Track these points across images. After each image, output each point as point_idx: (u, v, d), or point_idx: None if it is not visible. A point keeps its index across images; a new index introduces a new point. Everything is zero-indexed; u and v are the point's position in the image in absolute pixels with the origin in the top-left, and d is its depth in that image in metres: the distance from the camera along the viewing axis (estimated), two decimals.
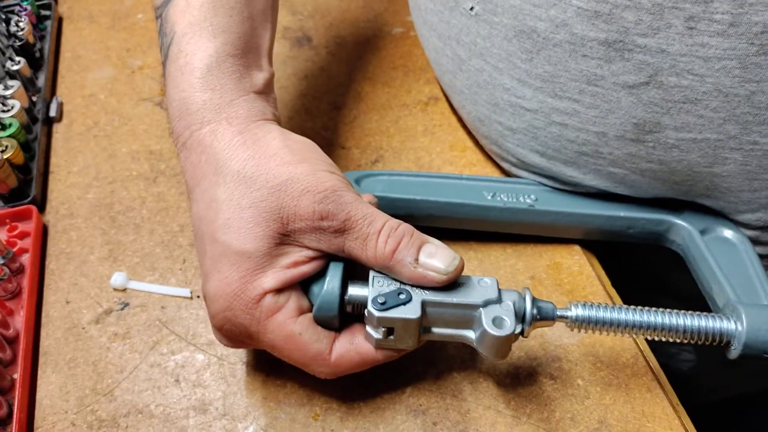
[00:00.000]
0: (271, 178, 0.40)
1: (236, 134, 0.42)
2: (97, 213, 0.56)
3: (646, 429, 0.43)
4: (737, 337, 0.40)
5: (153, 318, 0.49)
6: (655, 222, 0.51)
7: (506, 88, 0.51)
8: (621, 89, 0.45)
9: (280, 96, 0.63)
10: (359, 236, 0.40)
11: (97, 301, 0.50)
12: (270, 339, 0.40)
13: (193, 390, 0.45)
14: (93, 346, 0.47)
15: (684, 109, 0.44)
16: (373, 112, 0.63)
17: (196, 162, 0.42)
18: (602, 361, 0.47)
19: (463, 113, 0.58)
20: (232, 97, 0.43)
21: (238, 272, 0.39)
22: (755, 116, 0.43)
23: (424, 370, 0.46)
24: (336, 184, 0.40)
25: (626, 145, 0.47)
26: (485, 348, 0.40)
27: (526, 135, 0.52)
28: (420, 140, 0.61)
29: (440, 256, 0.40)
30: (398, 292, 0.40)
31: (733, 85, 0.42)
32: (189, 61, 0.44)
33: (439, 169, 0.59)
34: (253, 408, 0.44)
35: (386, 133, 0.61)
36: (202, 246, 0.41)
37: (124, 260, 0.52)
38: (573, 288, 0.51)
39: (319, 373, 0.41)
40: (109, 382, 0.45)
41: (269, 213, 0.39)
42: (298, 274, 0.40)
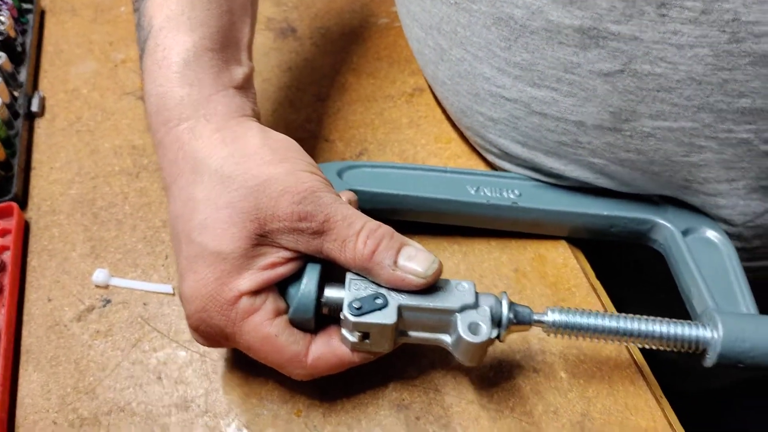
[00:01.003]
0: (249, 177, 0.39)
1: (214, 132, 0.41)
2: (79, 209, 0.55)
3: (629, 421, 0.43)
4: (713, 346, 0.40)
5: (135, 315, 0.49)
6: (638, 221, 0.51)
7: (486, 77, 0.50)
8: (597, 77, 0.45)
9: (263, 88, 0.63)
10: (338, 238, 0.39)
11: (79, 298, 0.50)
12: (246, 340, 0.40)
13: (175, 387, 0.45)
14: (75, 343, 0.47)
15: (658, 97, 0.44)
16: (357, 104, 0.63)
17: (173, 159, 0.41)
18: (585, 354, 0.47)
19: (446, 104, 0.58)
20: (211, 93, 0.43)
21: (213, 273, 0.38)
22: (728, 104, 0.43)
23: (406, 365, 0.45)
24: (315, 184, 0.40)
25: (604, 134, 0.47)
26: (460, 353, 0.40)
27: (507, 125, 0.51)
28: (405, 132, 0.61)
29: (419, 260, 0.39)
30: (375, 296, 0.39)
31: (706, 73, 0.42)
32: (166, 56, 0.43)
33: (424, 161, 0.58)
34: (235, 405, 0.44)
35: (371, 125, 0.61)
36: (178, 245, 0.40)
37: (106, 257, 0.52)
38: (557, 281, 0.51)
39: (296, 374, 0.41)
40: (91, 380, 0.45)
41: (246, 213, 0.39)
42: (274, 276, 0.40)
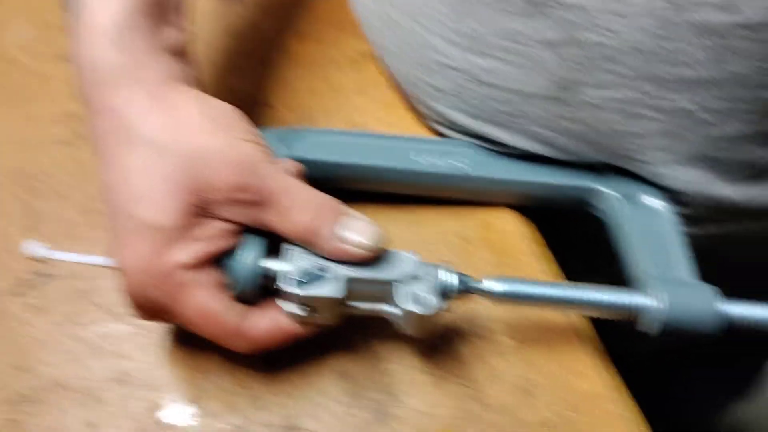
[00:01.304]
0: (186, 147, 0.38)
1: (149, 99, 0.40)
2: (14, 180, 0.53)
3: (573, 385, 0.44)
4: (653, 314, 0.40)
5: (74, 289, 0.47)
6: (582, 189, 0.51)
7: (436, 48, 0.49)
8: (542, 47, 0.44)
9: (207, 54, 0.61)
10: (279, 209, 0.39)
11: (15, 272, 0.48)
12: (186, 315, 0.39)
13: (114, 361, 0.44)
14: (11, 319, 0.46)
15: (603, 67, 0.44)
16: (303, 70, 0.61)
17: (106, 128, 0.40)
18: (529, 319, 0.47)
19: (393, 73, 0.57)
20: (144, 58, 0.41)
21: (149, 246, 0.37)
22: (671, 74, 0.43)
23: (351, 334, 0.45)
24: (256, 155, 0.39)
25: (549, 105, 0.47)
26: (407, 324, 0.40)
27: (455, 96, 0.51)
28: (352, 99, 0.59)
29: (362, 231, 0.39)
30: (319, 268, 0.39)
31: (649, 43, 0.42)
32: (95, 18, 0.41)
33: (372, 129, 0.57)
34: (177, 378, 0.43)
35: (317, 91, 0.60)
36: (112, 216, 0.39)
37: (43, 229, 0.50)
38: (502, 247, 0.50)
39: (239, 348, 0.41)
40: (29, 356, 0.44)
41: (183, 184, 0.38)
42: (214, 249, 0.39)
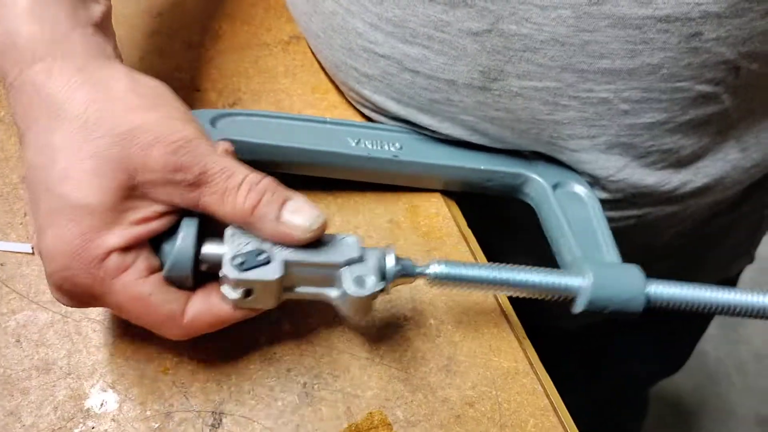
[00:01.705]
0: (116, 124, 0.37)
1: (75, 73, 0.38)
2: None
3: (493, 363, 0.46)
4: (582, 294, 0.42)
5: None
6: (512, 175, 0.52)
7: (359, 32, 0.50)
8: (466, 36, 0.45)
9: (131, 35, 0.60)
10: (216, 191, 0.37)
11: None
12: (116, 300, 0.38)
13: (35, 350, 0.43)
14: None
15: (524, 57, 0.45)
16: (230, 52, 0.61)
17: (27, 104, 0.38)
18: (454, 300, 0.48)
19: (321, 58, 0.57)
20: (67, 30, 0.39)
21: (78, 228, 0.36)
22: (590, 65, 0.45)
23: (279, 317, 0.45)
24: (191, 133, 0.38)
25: (475, 93, 0.48)
26: (346, 308, 0.40)
27: (381, 81, 0.51)
28: (281, 82, 0.59)
29: (304, 214, 0.38)
30: (257, 252, 0.38)
31: (568, 35, 0.43)
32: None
33: (300, 112, 0.57)
34: (99, 365, 0.43)
35: (245, 74, 0.59)
36: (35, 197, 0.38)
37: None
38: (429, 230, 0.52)
39: (171, 334, 0.40)
40: None
41: (114, 163, 0.36)
42: (147, 231, 0.38)
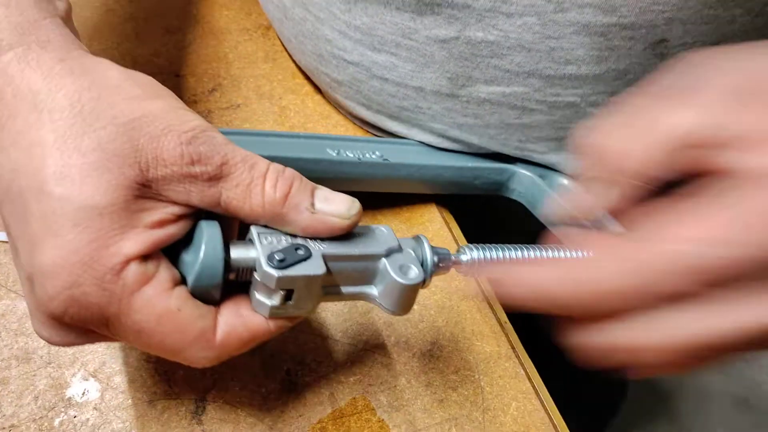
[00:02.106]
0: (118, 113, 0.31)
1: (57, 61, 0.32)
2: None
3: (475, 347, 0.46)
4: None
5: None
6: (498, 171, 0.52)
7: (328, 39, 0.50)
8: (433, 43, 0.46)
9: (107, 19, 0.59)
10: (240, 182, 0.33)
11: None
12: (136, 321, 0.31)
13: (15, 339, 0.43)
14: None
15: (491, 63, 0.45)
16: (210, 37, 0.60)
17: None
18: (437, 286, 0.48)
19: (295, 60, 0.57)
20: (36, 17, 0.34)
21: (86, 235, 0.30)
22: (556, 71, 0.45)
23: None
24: (203, 123, 0.33)
25: (443, 100, 0.48)
26: (391, 301, 0.36)
27: (351, 88, 0.52)
28: (261, 67, 0.59)
29: (338, 200, 0.34)
30: (295, 247, 0.33)
31: (534, 41, 0.44)
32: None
33: (281, 97, 0.57)
34: (80, 354, 0.42)
35: (224, 59, 0.59)
36: (20, 206, 0.31)
37: None
38: (411, 215, 0.52)
39: (200, 359, 0.33)
40: None
41: (122, 157, 0.30)
42: (165, 236, 0.32)
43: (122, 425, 0.40)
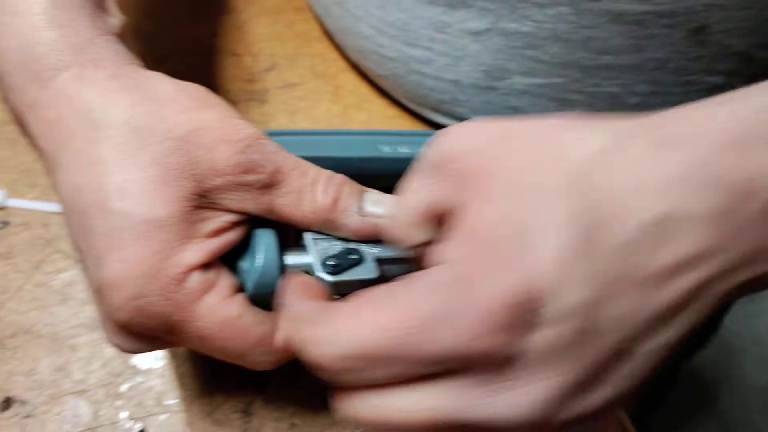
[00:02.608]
0: (173, 127, 0.32)
1: (110, 78, 0.33)
2: None
3: None
4: None
5: (36, 236, 0.47)
6: None
7: (366, 36, 0.50)
8: (467, 36, 0.45)
9: (168, 1, 0.60)
10: (292, 189, 0.33)
11: None
12: (199, 328, 0.32)
13: (82, 308, 0.44)
14: None
15: (527, 55, 0.45)
16: (265, 16, 0.61)
17: (55, 120, 0.33)
18: None
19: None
20: (91, 36, 0.34)
21: (149, 247, 0.31)
22: (593, 61, 0.44)
23: None
24: (256, 131, 0.33)
25: (480, 93, 0.48)
26: None
27: (393, 82, 0.52)
28: (315, 46, 0.59)
29: (387, 203, 0.35)
30: (347, 252, 0.34)
31: (569, 31, 0.43)
32: (22, 1, 0.34)
33: (335, 76, 0.58)
34: None
35: (280, 38, 0.59)
36: (86, 222, 0.32)
37: (1, 177, 0.50)
38: None
39: (260, 363, 0.34)
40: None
41: (179, 170, 0.31)
42: (223, 244, 0.33)
43: (187, 392, 0.41)
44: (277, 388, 0.41)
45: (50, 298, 0.44)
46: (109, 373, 0.42)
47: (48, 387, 0.41)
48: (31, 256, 0.46)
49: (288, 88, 0.56)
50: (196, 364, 0.42)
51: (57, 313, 0.44)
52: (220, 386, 0.41)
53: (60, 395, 0.40)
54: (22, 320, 0.43)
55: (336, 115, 0.55)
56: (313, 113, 0.55)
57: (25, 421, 0.39)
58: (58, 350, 0.42)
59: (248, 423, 0.40)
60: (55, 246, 0.46)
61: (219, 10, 0.61)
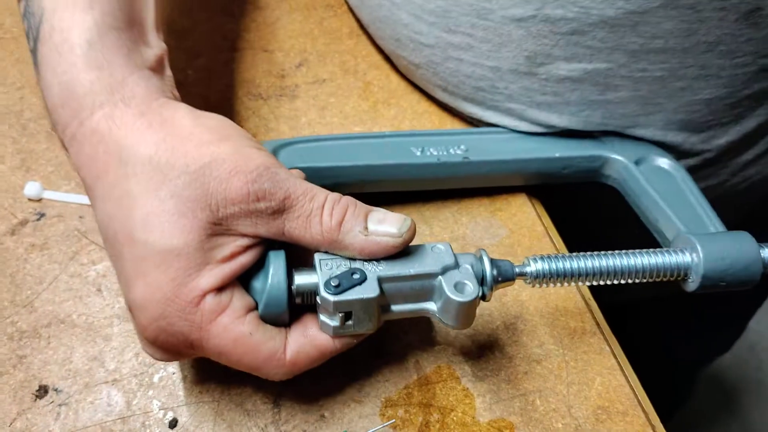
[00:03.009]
0: (191, 161, 0.35)
1: (138, 117, 0.36)
2: (6, 120, 0.53)
3: (559, 322, 0.46)
4: (695, 269, 0.40)
5: (71, 228, 0.48)
6: (590, 158, 0.50)
7: (404, 23, 0.50)
8: (510, 22, 0.45)
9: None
10: (301, 214, 0.36)
11: (11, 211, 0.48)
12: (215, 345, 0.36)
13: (116, 298, 0.45)
14: (9, 257, 0.46)
15: (572, 40, 0.45)
16: (296, 13, 0.61)
17: (92, 155, 0.36)
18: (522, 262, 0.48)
19: (378, 46, 0.58)
20: (124, 75, 0.38)
21: (168, 274, 0.34)
22: (641, 45, 0.44)
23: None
24: (267, 160, 0.36)
25: (520, 79, 0.48)
26: (450, 317, 0.38)
27: (428, 70, 0.52)
28: (345, 43, 0.60)
29: (390, 221, 0.37)
30: (351, 272, 0.37)
31: (618, 16, 0.43)
32: (66, 38, 0.38)
33: (365, 73, 0.58)
34: None
35: (310, 34, 0.60)
36: (117, 249, 0.36)
37: (37, 169, 0.50)
38: (514, 228, 0.51)
39: (274, 375, 0.38)
40: (29, 293, 0.45)
41: (195, 201, 0.35)
42: (237, 267, 0.36)
43: (218, 383, 0.42)
44: (307, 381, 0.42)
45: (85, 289, 0.45)
46: (141, 363, 0.42)
47: (82, 376, 0.41)
48: (66, 248, 0.47)
49: (318, 84, 0.57)
50: None
51: (91, 303, 0.44)
52: (251, 377, 0.42)
53: (94, 384, 0.41)
54: (57, 310, 0.44)
55: (365, 110, 0.56)
56: (342, 109, 0.55)
57: (59, 409, 0.40)
58: (93, 340, 0.43)
59: (278, 414, 0.41)
60: (90, 237, 0.47)
61: (251, 6, 0.61)
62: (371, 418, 0.41)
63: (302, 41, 0.59)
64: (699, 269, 0.40)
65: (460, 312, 0.37)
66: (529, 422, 0.41)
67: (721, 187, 0.55)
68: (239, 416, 0.41)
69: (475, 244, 0.49)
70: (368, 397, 0.42)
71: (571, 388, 0.43)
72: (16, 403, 0.40)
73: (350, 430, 0.40)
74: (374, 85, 0.57)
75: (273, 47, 0.58)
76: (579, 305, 0.47)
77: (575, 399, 0.42)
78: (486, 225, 0.51)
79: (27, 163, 0.51)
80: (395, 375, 0.43)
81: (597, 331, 0.46)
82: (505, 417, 0.41)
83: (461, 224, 0.51)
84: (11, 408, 0.40)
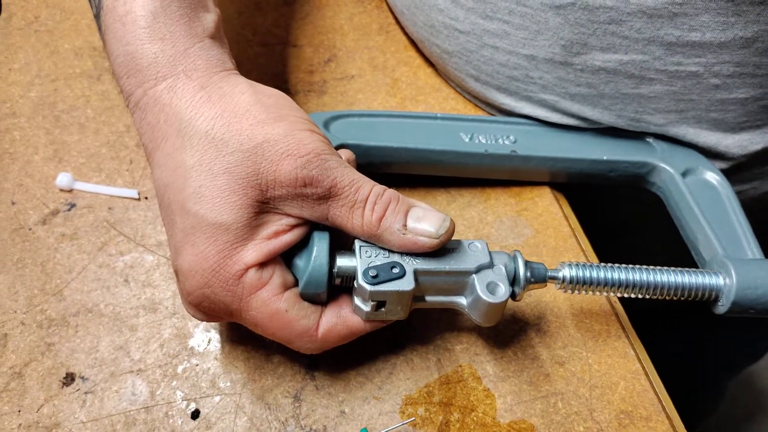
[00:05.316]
0: (245, 139, 0.36)
1: (198, 89, 0.38)
2: (40, 112, 0.54)
3: (584, 324, 0.45)
4: (726, 294, 0.40)
5: (101, 219, 0.48)
6: (638, 164, 0.50)
7: (440, 9, 0.50)
8: (548, 10, 0.45)
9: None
10: (345, 204, 0.37)
11: (43, 201, 0.49)
12: (253, 316, 0.38)
13: (142, 290, 0.45)
14: (40, 246, 0.47)
15: (609, 30, 0.44)
16: (326, 9, 0.61)
17: (154, 123, 0.38)
18: (546, 263, 0.48)
19: (408, 33, 0.57)
20: (187, 46, 0.39)
21: (215, 246, 0.36)
22: (678, 38, 0.44)
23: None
24: (318, 146, 0.37)
25: (555, 69, 0.48)
26: (477, 314, 0.39)
27: (461, 59, 0.51)
28: (374, 39, 0.59)
29: (429, 220, 0.38)
30: (391, 265, 0.38)
31: (657, 7, 0.42)
32: (130, 10, 0.39)
33: (394, 69, 0.58)
34: None
35: (340, 30, 0.60)
36: (170, 216, 0.37)
37: (69, 160, 0.51)
38: (540, 228, 0.51)
39: (305, 349, 0.39)
40: (58, 282, 0.45)
41: (246, 179, 0.36)
42: (280, 245, 0.37)
43: (240, 376, 0.42)
44: (328, 377, 0.42)
45: (113, 279, 0.46)
46: (166, 353, 0.43)
47: (108, 365, 0.42)
48: (95, 238, 0.48)
49: (346, 79, 0.57)
50: (249, 348, 0.43)
51: (119, 293, 0.45)
52: (273, 372, 0.42)
53: (119, 373, 0.42)
54: (85, 299, 0.45)
55: (393, 107, 0.55)
56: (370, 105, 0.55)
57: (85, 396, 0.41)
58: (119, 330, 0.44)
59: (298, 408, 0.41)
60: (118, 229, 0.48)
61: (281, 2, 0.61)
62: (391, 415, 0.41)
63: (331, 37, 0.59)
64: (730, 295, 0.40)
65: (489, 311, 0.38)
66: (550, 425, 0.41)
67: (747, 194, 0.54)
68: (260, 409, 0.41)
69: (500, 243, 0.49)
70: (388, 394, 0.42)
71: (594, 392, 0.42)
72: (43, 389, 0.41)
73: (370, 427, 0.40)
74: (402, 82, 0.57)
75: (302, 42, 0.58)
76: (605, 308, 0.46)
77: (598, 402, 0.42)
78: (511, 224, 0.50)
79: (59, 155, 0.52)
80: (416, 373, 0.43)
81: (622, 334, 0.45)
82: (525, 419, 0.41)
83: (486, 223, 0.50)
84: (39, 394, 0.41)
